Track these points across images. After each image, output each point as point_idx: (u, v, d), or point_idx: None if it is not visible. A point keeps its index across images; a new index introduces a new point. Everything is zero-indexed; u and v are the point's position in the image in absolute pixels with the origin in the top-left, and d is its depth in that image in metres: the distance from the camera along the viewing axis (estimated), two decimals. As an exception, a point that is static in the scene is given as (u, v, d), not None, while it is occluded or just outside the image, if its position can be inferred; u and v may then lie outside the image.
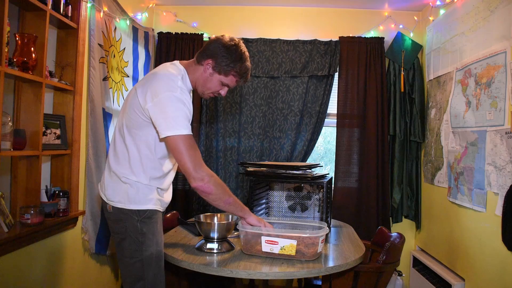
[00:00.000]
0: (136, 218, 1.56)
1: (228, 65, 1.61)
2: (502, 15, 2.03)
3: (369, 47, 3.14)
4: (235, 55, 1.61)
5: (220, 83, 1.66)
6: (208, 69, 1.63)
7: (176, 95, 1.49)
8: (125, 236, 1.58)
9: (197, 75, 1.65)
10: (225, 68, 1.61)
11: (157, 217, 1.64)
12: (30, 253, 1.91)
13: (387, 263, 1.89)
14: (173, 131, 1.46)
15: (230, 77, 1.65)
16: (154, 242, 1.59)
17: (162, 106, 1.47)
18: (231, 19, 3.32)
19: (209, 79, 1.64)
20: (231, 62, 1.61)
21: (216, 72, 1.63)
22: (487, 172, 2.11)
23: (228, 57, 1.60)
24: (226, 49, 1.60)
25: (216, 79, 1.64)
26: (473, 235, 2.29)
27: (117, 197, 1.58)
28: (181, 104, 1.49)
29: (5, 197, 1.83)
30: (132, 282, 1.57)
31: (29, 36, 1.83)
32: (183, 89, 1.53)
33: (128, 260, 1.57)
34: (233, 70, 1.62)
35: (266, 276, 1.56)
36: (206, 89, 1.67)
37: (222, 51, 1.61)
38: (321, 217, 2.21)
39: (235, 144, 3.24)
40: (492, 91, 2.09)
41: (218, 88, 1.67)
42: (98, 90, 2.41)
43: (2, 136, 1.70)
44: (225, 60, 1.60)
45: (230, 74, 1.63)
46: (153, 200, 1.61)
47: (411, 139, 3.09)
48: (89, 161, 2.35)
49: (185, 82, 1.61)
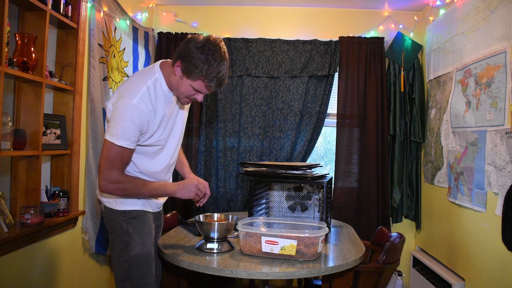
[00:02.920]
0: (122, 218, 1.59)
1: (195, 68, 1.45)
2: (502, 15, 2.03)
3: (369, 47, 3.14)
4: (202, 57, 1.44)
5: (191, 88, 1.51)
6: (178, 71, 1.50)
7: (132, 103, 1.45)
8: (115, 236, 1.61)
9: (171, 78, 1.54)
10: (191, 71, 1.46)
11: (145, 218, 1.65)
12: (30, 253, 1.91)
13: (387, 263, 1.89)
14: (111, 138, 1.46)
15: (198, 82, 1.49)
16: (141, 242, 1.60)
17: (115, 110, 1.47)
18: (231, 19, 3.31)
19: (180, 83, 1.51)
20: (197, 65, 1.44)
21: (185, 75, 1.49)
22: (487, 172, 2.11)
23: (196, 58, 1.44)
24: (195, 49, 1.45)
25: (186, 84, 1.50)
26: (473, 235, 2.29)
27: (106, 197, 1.62)
28: (133, 115, 1.45)
29: (5, 197, 1.83)
30: (120, 281, 1.59)
31: (29, 36, 1.83)
32: (144, 97, 1.48)
33: (117, 259, 1.60)
34: (199, 74, 1.46)
35: (266, 276, 1.56)
36: (179, 93, 1.55)
37: (190, 52, 1.45)
38: (321, 217, 2.21)
39: (235, 144, 3.24)
40: (492, 91, 2.09)
41: (190, 93, 1.53)
42: (98, 90, 2.41)
43: (2, 136, 1.70)
44: (192, 62, 1.44)
45: (197, 78, 1.47)
46: (140, 202, 1.63)
47: (411, 139, 3.09)
48: (89, 161, 2.35)
49: (157, 87, 1.53)
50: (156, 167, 1.66)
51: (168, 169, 1.75)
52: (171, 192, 1.65)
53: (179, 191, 1.65)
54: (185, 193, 1.65)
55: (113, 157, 1.47)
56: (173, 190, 1.65)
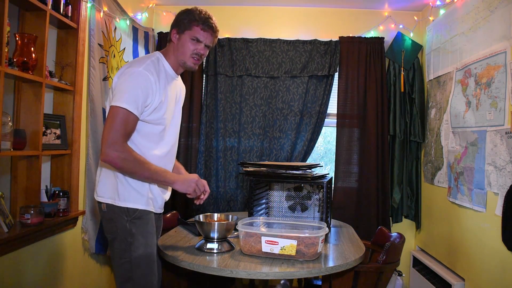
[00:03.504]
0: (125, 218, 1.57)
1: (186, 19, 1.66)
2: (502, 15, 2.03)
3: (369, 47, 3.14)
4: (189, 10, 1.69)
5: (190, 41, 1.67)
6: (175, 36, 1.68)
7: (139, 70, 1.53)
8: (115, 236, 1.59)
9: (172, 51, 1.70)
10: (185, 24, 1.66)
11: (149, 218, 1.64)
12: (30, 253, 1.91)
13: (387, 263, 1.89)
14: (117, 103, 1.48)
15: (194, 29, 1.66)
16: (144, 243, 1.59)
17: (120, 79, 1.54)
18: (231, 19, 3.31)
19: (180, 44, 1.67)
20: (186, 16, 1.67)
21: (181, 34, 1.67)
22: (487, 172, 2.11)
23: (183, 14, 1.69)
24: (180, 13, 1.70)
25: (185, 40, 1.67)
26: (473, 235, 2.29)
27: (108, 193, 1.59)
28: (139, 80, 1.52)
29: (5, 197, 1.84)
30: (122, 282, 1.58)
31: (29, 36, 1.83)
32: (149, 66, 1.57)
33: (118, 260, 1.59)
34: (193, 21, 1.66)
35: (266, 276, 1.56)
36: (183, 55, 1.68)
37: (178, 16, 1.71)
38: (321, 217, 2.21)
39: (235, 144, 3.24)
40: (492, 91, 2.09)
41: (192, 47, 1.67)
42: (98, 90, 2.41)
43: (2, 136, 1.70)
44: (183, 18, 1.67)
45: (192, 26, 1.66)
46: (144, 199, 1.61)
47: (411, 139, 3.09)
48: (89, 161, 2.35)
49: (159, 63, 1.66)
50: (157, 152, 1.65)
51: (169, 159, 1.74)
52: (170, 181, 1.62)
53: (179, 183, 1.63)
54: (184, 187, 1.64)
55: (117, 122, 1.47)
56: (173, 179, 1.63)
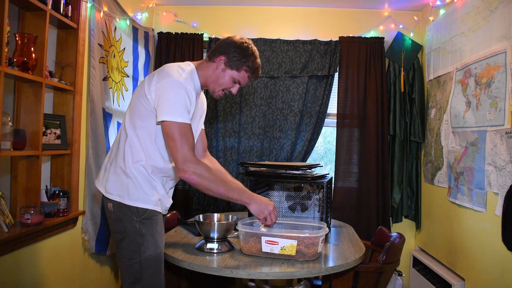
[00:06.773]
0: (135, 219, 1.55)
1: (240, 60, 1.64)
2: (502, 15, 2.03)
3: (369, 47, 3.14)
4: (247, 51, 1.65)
5: (232, 80, 1.68)
6: (221, 65, 1.66)
7: (180, 81, 1.52)
8: (124, 236, 1.57)
9: (209, 72, 1.67)
10: (237, 63, 1.64)
11: (158, 218, 1.62)
12: (30, 253, 1.91)
13: (387, 263, 1.89)
14: (169, 117, 1.48)
15: (242, 73, 1.67)
16: (153, 244, 1.57)
17: (164, 89, 1.51)
18: (231, 19, 3.31)
19: (221, 75, 1.66)
20: (243, 57, 1.64)
21: (228, 67, 1.65)
22: (487, 172, 2.11)
23: (240, 52, 1.64)
24: (238, 46, 1.65)
25: (228, 75, 1.66)
26: (473, 235, 2.29)
27: (117, 191, 1.57)
28: (183, 91, 1.51)
29: (5, 197, 1.83)
30: (130, 283, 1.56)
31: (29, 36, 1.83)
32: (187, 79, 1.56)
33: (126, 261, 1.56)
34: (245, 65, 1.65)
35: (266, 276, 1.56)
36: (217, 85, 1.68)
37: (234, 48, 1.65)
38: (321, 217, 2.21)
39: (235, 144, 3.24)
40: (492, 91, 2.09)
41: (230, 84, 1.69)
42: (98, 90, 2.41)
43: (2, 136, 1.70)
44: (237, 55, 1.64)
45: (242, 69, 1.66)
46: (154, 200, 1.60)
47: (411, 139, 3.09)
48: (89, 161, 2.35)
49: (192, 76, 1.64)
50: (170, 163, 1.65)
51: None
52: (246, 201, 1.63)
53: (254, 205, 1.64)
54: (258, 211, 1.65)
55: (178, 138, 1.48)
56: (249, 201, 1.63)
